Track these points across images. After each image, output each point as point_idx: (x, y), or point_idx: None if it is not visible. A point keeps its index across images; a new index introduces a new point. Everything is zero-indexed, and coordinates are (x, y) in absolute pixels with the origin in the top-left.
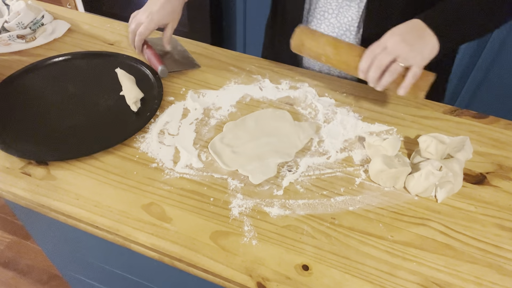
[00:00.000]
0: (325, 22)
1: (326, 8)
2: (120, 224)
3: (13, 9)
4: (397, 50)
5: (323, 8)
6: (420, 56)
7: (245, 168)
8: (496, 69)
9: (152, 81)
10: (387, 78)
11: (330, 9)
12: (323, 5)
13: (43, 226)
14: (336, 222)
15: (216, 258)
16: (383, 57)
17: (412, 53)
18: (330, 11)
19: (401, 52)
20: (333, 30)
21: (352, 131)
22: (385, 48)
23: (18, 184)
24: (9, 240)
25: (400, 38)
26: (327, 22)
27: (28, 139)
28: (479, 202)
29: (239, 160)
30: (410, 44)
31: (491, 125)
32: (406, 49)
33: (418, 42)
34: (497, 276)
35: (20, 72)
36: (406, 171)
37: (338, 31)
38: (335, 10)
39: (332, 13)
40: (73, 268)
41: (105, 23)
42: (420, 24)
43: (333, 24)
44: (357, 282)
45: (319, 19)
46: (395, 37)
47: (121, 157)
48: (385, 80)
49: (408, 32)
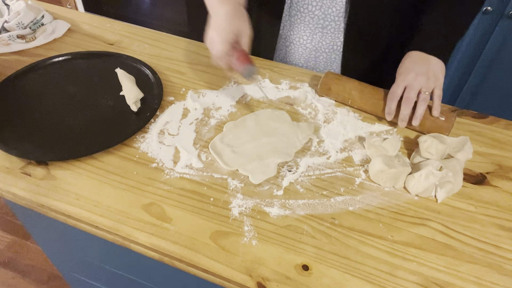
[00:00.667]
0: (309, 15)
1: (309, 1)
2: (120, 224)
3: (13, 9)
4: (417, 84)
5: (306, 1)
6: (438, 81)
7: (245, 168)
8: (496, 69)
9: (152, 81)
10: (422, 107)
11: (314, 1)
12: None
13: (43, 226)
14: (336, 222)
15: (216, 258)
16: (409, 93)
17: (430, 80)
18: (314, 3)
19: (421, 83)
20: (318, 22)
21: (352, 131)
22: (407, 87)
23: (18, 184)
24: (9, 240)
25: (414, 74)
26: (311, 15)
27: (28, 139)
28: (479, 202)
29: (239, 160)
30: (424, 74)
31: (491, 125)
32: (424, 80)
33: (429, 70)
34: (497, 276)
35: (20, 72)
36: (406, 171)
37: (323, 22)
38: (318, 2)
39: (316, 5)
40: (73, 268)
41: (105, 23)
42: (421, 55)
43: (318, 16)
44: (357, 282)
45: (302, 12)
46: (410, 75)
47: (121, 157)
48: (420, 110)
49: (416, 66)
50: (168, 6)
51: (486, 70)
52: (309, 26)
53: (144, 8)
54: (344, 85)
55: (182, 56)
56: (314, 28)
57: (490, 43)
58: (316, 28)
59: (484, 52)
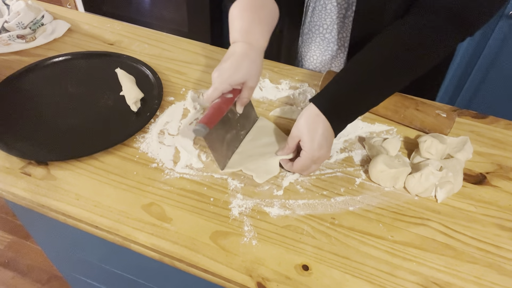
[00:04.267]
0: (320, 36)
1: (320, 23)
2: (120, 224)
3: (13, 9)
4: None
5: (318, 23)
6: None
7: (248, 167)
8: (496, 69)
9: (152, 81)
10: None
11: (324, 24)
12: (318, 20)
13: (43, 226)
14: (336, 222)
15: (216, 258)
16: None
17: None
18: (324, 26)
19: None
20: (328, 45)
21: (352, 131)
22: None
23: (18, 184)
24: (9, 240)
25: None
26: (321, 36)
27: (28, 139)
28: (479, 202)
29: (241, 160)
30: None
31: (491, 125)
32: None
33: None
34: (497, 276)
35: (20, 72)
36: (406, 171)
37: (333, 46)
38: (329, 26)
39: (327, 28)
40: (73, 268)
41: (105, 23)
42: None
43: (327, 39)
44: (357, 282)
45: (314, 32)
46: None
47: (121, 157)
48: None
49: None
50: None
51: (486, 70)
52: (319, 48)
53: (144, 8)
54: None
55: (182, 56)
56: (324, 50)
57: (490, 43)
58: (326, 51)
59: (484, 52)
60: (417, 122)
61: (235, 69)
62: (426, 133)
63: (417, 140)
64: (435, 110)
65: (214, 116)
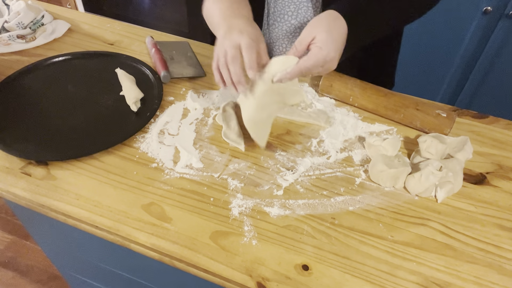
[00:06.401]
0: (286, 24)
1: (285, 11)
2: (120, 224)
3: (13, 9)
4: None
5: (282, 11)
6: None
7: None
8: (496, 69)
9: (152, 81)
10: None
11: (289, 11)
12: (282, 8)
13: (43, 226)
14: (336, 222)
15: (216, 258)
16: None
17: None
18: (289, 13)
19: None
20: (295, 30)
21: (352, 131)
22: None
23: (18, 184)
24: (9, 240)
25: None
26: (288, 24)
27: (28, 139)
28: (479, 202)
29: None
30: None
31: (491, 125)
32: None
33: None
34: (497, 276)
35: (20, 72)
36: (406, 171)
37: (299, 31)
38: (294, 12)
39: (292, 14)
40: (73, 268)
41: (105, 23)
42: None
43: (294, 25)
44: (357, 282)
45: (279, 21)
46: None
47: (121, 157)
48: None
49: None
50: (168, 6)
51: (486, 70)
52: (287, 35)
53: (144, 8)
54: (346, 82)
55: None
56: (292, 36)
57: (490, 43)
58: (293, 37)
59: (484, 52)
60: (417, 122)
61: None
62: (426, 133)
63: (417, 140)
64: (435, 110)
65: (164, 63)
